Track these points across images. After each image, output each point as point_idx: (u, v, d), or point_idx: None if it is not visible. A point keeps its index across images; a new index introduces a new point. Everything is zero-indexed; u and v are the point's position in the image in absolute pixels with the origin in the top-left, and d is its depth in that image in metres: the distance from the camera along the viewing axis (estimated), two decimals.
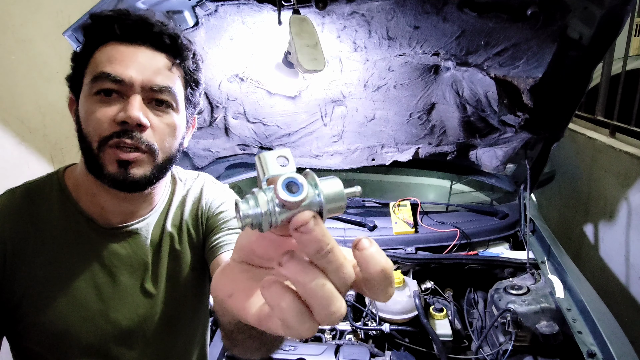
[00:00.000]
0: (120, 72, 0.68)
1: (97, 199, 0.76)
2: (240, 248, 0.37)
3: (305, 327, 0.29)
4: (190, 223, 0.87)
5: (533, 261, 1.49)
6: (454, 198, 2.11)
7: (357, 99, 1.62)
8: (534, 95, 1.40)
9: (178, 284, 0.84)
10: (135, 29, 0.71)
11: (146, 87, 0.70)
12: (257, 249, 0.36)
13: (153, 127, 0.71)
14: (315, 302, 0.29)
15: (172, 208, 0.86)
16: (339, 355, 1.22)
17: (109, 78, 0.68)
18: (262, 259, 0.36)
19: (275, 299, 0.29)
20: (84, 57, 0.72)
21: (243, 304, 0.34)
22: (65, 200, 0.76)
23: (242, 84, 1.51)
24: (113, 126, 0.69)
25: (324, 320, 0.29)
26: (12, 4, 1.47)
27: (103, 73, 0.68)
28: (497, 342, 1.27)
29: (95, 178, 0.72)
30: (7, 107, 1.47)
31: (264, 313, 0.32)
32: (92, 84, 0.69)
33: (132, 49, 0.71)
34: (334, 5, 1.14)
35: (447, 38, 1.27)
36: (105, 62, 0.69)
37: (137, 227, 0.80)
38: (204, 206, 0.88)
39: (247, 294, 0.34)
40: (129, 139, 0.69)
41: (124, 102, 0.69)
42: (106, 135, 0.68)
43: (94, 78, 0.69)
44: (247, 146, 1.78)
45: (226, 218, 0.87)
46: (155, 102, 0.72)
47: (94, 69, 0.70)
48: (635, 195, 1.91)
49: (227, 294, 0.35)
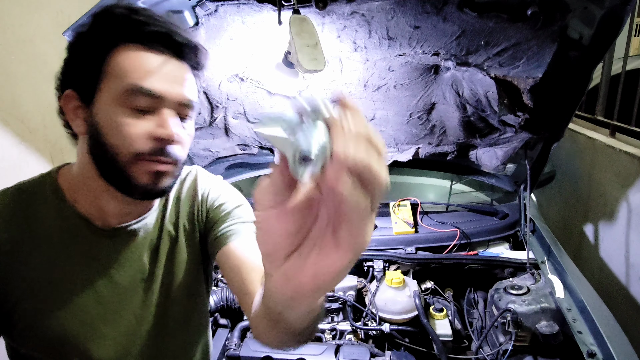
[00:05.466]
0: (156, 87, 0.67)
1: (99, 201, 0.75)
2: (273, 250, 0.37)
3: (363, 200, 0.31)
4: (187, 220, 0.86)
5: (533, 261, 1.49)
6: (454, 198, 2.11)
7: (357, 99, 1.62)
8: (534, 95, 1.40)
9: (176, 282, 0.83)
10: (163, 35, 0.68)
11: (176, 102, 0.69)
12: (293, 228, 0.35)
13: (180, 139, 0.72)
14: (372, 173, 0.31)
15: (168, 206, 0.85)
16: (339, 355, 1.22)
17: (145, 93, 0.66)
18: (298, 236, 0.36)
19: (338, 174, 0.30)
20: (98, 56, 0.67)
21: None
22: (60, 201, 0.75)
23: (242, 84, 1.51)
24: (149, 142, 0.68)
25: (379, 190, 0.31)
26: (12, 4, 1.47)
27: (139, 87, 0.66)
28: (497, 342, 1.27)
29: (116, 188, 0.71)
30: (7, 107, 1.47)
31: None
32: (124, 97, 0.66)
33: (160, 58, 0.68)
34: (334, 5, 1.14)
35: (447, 38, 1.27)
36: (136, 73, 0.66)
37: (136, 227, 0.79)
38: (200, 201, 0.87)
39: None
40: (164, 156, 0.69)
41: (156, 116, 0.68)
42: (142, 151, 0.68)
43: (129, 91, 0.66)
44: (247, 146, 1.78)
45: (227, 209, 0.86)
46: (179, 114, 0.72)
47: (125, 79, 0.66)
48: (635, 195, 1.91)
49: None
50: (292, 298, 0.38)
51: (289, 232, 0.35)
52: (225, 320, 1.45)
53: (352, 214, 0.32)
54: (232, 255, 0.78)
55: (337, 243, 0.34)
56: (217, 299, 1.44)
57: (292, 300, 0.38)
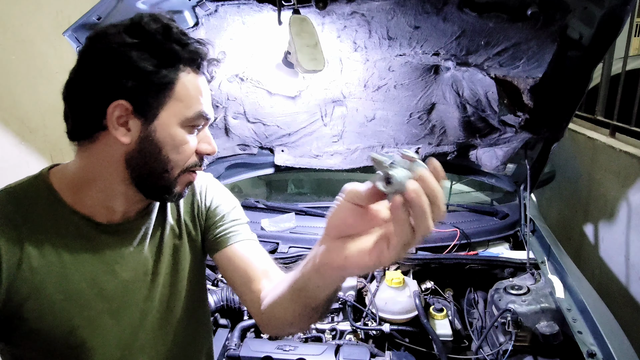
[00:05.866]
0: (209, 111, 0.76)
1: (110, 201, 0.76)
2: (335, 226, 0.51)
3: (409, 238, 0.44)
4: (189, 217, 0.89)
5: (533, 261, 1.49)
6: (454, 198, 2.11)
7: (357, 99, 1.62)
8: (534, 95, 1.40)
9: (180, 277, 0.85)
10: (206, 60, 0.75)
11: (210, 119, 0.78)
12: (352, 221, 0.49)
13: None
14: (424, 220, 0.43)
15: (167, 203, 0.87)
16: (339, 355, 1.22)
17: (204, 117, 0.75)
18: (351, 228, 0.50)
19: (400, 213, 0.43)
20: (167, 77, 0.70)
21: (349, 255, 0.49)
22: (56, 201, 0.75)
23: (242, 84, 1.52)
24: (195, 155, 0.76)
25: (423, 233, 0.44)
26: (12, 4, 1.48)
27: (202, 113, 0.74)
28: (497, 342, 1.27)
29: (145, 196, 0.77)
30: (7, 107, 1.48)
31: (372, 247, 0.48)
32: (189, 118, 0.73)
33: (202, 80, 0.75)
34: (334, 5, 1.14)
35: (447, 38, 1.27)
36: (200, 98, 0.74)
37: (138, 223, 0.80)
38: (199, 199, 0.90)
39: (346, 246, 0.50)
40: (202, 167, 0.79)
41: (199, 132, 0.77)
42: (192, 163, 0.76)
43: (194, 116, 0.73)
44: (247, 146, 1.78)
45: (224, 211, 0.91)
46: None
47: (193, 105, 0.73)
48: (635, 195, 1.91)
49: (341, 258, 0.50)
50: (322, 265, 0.53)
51: (348, 224, 0.49)
52: (225, 320, 1.45)
53: (396, 235, 0.45)
54: (236, 257, 0.85)
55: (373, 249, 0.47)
56: (217, 299, 1.44)
57: (320, 267, 0.53)
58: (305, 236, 1.70)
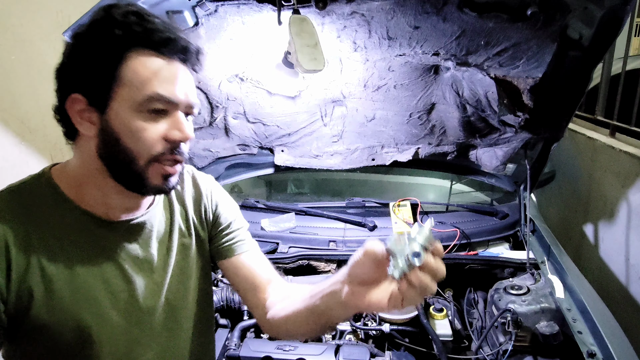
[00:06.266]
0: (172, 94, 0.70)
1: (106, 198, 0.76)
2: (357, 275, 0.66)
3: (419, 299, 0.61)
4: (197, 218, 0.90)
5: (533, 261, 1.49)
6: (454, 198, 2.11)
7: (357, 99, 1.62)
8: (534, 95, 1.40)
9: (187, 276, 0.86)
10: (172, 41, 0.70)
11: (185, 104, 0.73)
12: (372, 274, 0.64)
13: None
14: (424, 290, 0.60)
15: (173, 199, 0.88)
16: (339, 355, 1.22)
17: (162, 100, 0.69)
18: (371, 278, 0.65)
19: (407, 290, 0.61)
20: (111, 62, 0.67)
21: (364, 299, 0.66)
22: (60, 198, 0.75)
23: (242, 84, 1.52)
24: (164, 144, 0.71)
25: (424, 294, 0.61)
26: (12, 4, 1.48)
27: (158, 95, 0.68)
28: (497, 342, 1.27)
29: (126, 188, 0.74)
30: (7, 107, 1.48)
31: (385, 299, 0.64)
32: (143, 102, 0.68)
33: (171, 64, 0.71)
34: (334, 5, 1.14)
35: (447, 38, 1.27)
36: (155, 81, 0.68)
37: (142, 220, 0.80)
38: (206, 203, 0.91)
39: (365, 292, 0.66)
40: (179, 155, 0.73)
41: (169, 119, 0.71)
42: (157, 153, 0.71)
43: (147, 99, 0.68)
44: (247, 146, 1.78)
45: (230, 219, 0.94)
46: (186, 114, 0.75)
47: (144, 88, 0.68)
48: (635, 195, 1.91)
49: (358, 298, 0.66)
50: (347, 305, 0.69)
51: (369, 275, 0.65)
52: (225, 321, 1.45)
53: (405, 299, 0.62)
54: (243, 267, 0.91)
55: (390, 300, 0.63)
56: (217, 299, 1.44)
57: (345, 306, 0.69)
58: (305, 236, 1.70)
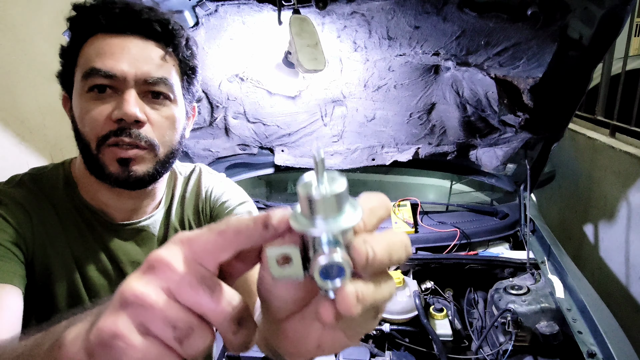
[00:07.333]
0: (111, 66, 0.65)
1: (99, 196, 0.76)
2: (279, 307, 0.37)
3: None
4: (193, 216, 0.88)
5: (533, 261, 1.49)
6: (454, 198, 2.11)
7: (357, 99, 1.62)
8: (534, 95, 1.40)
9: None
10: (122, 17, 0.67)
11: (140, 81, 0.67)
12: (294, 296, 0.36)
13: (151, 121, 0.69)
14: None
15: (174, 203, 0.86)
16: (339, 355, 1.22)
17: (100, 74, 0.65)
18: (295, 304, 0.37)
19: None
20: (72, 52, 0.69)
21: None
22: (72, 193, 0.76)
23: (242, 84, 1.51)
24: (110, 124, 0.66)
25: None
26: (12, 4, 1.47)
27: (93, 69, 0.65)
28: (497, 342, 1.27)
29: (96, 178, 0.71)
30: (7, 107, 1.47)
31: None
32: (84, 81, 0.67)
33: (121, 40, 0.67)
34: (334, 5, 1.14)
35: (447, 38, 1.27)
36: (95, 57, 0.66)
37: (145, 224, 0.80)
38: (204, 198, 0.89)
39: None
40: (127, 137, 0.66)
41: (118, 98, 0.67)
42: (104, 135, 0.66)
43: (85, 74, 0.66)
44: (247, 146, 1.78)
45: (230, 207, 0.88)
46: (151, 94, 0.69)
47: (84, 65, 0.67)
48: (635, 195, 1.91)
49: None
50: (293, 354, 0.39)
51: (297, 299, 0.35)
52: None
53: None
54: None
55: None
56: None
57: (292, 355, 0.39)
58: None
